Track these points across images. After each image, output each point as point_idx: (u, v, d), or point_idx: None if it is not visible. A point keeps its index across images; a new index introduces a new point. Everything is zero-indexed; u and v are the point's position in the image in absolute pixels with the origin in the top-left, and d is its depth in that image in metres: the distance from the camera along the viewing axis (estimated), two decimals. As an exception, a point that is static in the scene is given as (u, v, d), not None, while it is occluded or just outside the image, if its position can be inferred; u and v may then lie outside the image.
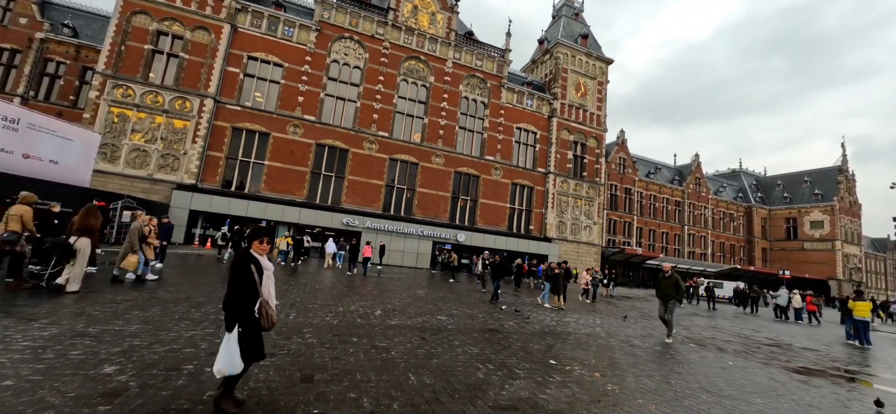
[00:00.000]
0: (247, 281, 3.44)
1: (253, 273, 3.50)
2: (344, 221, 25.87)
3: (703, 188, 52.32)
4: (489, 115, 31.42)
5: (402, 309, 9.43)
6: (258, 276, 3.51)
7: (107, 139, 22.31)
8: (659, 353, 7.98)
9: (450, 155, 29.74)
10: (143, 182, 22.66)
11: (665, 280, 9.53)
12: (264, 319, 3.52)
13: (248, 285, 3.46)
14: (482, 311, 10.74)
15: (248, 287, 3.46)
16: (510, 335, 7.84)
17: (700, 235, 51.58)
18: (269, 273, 3.61)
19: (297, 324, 6.66)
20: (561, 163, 33.41)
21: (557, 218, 32.72)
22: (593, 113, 35.44)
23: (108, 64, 22.63)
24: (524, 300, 14.67)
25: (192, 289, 8.89)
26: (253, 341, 3.47)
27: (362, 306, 9.11)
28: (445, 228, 28.57)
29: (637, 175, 46.82)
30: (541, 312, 11.86)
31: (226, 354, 3.30)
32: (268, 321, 3.52)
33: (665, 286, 9.49)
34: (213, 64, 24.29)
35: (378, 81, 28.15)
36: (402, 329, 7.19)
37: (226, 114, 24.64)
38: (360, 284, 13.67)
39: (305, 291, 10.53)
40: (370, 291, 11.93)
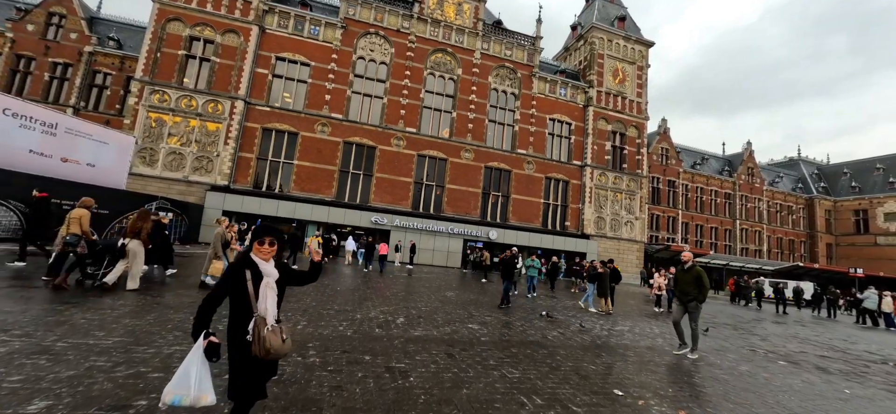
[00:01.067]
0: (235, 290, 2.51)
1: (246, 281, 2.50)
2: (373, 219, 25.16)
3: (756, 179, 47.64)
4: (520, 106, 29.71)
5: (429, 315, 8.24)
6: (253, 285, 2.50)
7: (145, 143, 22.81)
8: (745, 375, 6.29)
9: (479, 149, 28.34)
10: (180, 184, 22.97)
11: (684, 274, 7.19)
12: (256, 343, 2.43)
13: (237, 296, 2.51)
14: (519, 317, 9.35)
15: (237, 299, 2.51)
16: (556, 350, 6.43)
17: (754, 230, 47.00)
18: (269, 281, 2.57)
19: (303, 336, 5.62)
20: (598, 155, 31.10)
21: (595, 213, 30.47)
22: (633, 100, 32.78)
23: (146, 71, 23.10)
24: (565, 303, 13.09)
25: (203, 293, 8.15)
26: (246, 372, 2.50)
27: (384, 312, 8.00)
28: (476, 225, 27.21)
29: (681, 166, 43.23)
30: (586, 318, 10.29)
31: (180, 375, 2.34)
32: (260, 347, 2.44)
33: (683, 282, 7.16)
34: (242, 66, 24.29)
35: (404, 76, 27.23)
36: (426, 343, 5.99)
37: (256, 115, 24.58)
38: (384, 285, 12.65)
39: (324, 293, 9.59)
40: (395, 294, 10.84)
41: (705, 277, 7.00)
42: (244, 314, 2.52)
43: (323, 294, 9.49)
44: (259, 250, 2.64)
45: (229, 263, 2.63)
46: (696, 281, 6.98)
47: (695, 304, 7.00)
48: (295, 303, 7.95)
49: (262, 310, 2.53)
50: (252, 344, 2.47)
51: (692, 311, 7.05)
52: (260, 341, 2.45)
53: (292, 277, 2.83)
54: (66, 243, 7.00)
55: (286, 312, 6.96)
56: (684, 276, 7.20)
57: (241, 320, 2.52)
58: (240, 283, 2.53)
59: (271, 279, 2.62)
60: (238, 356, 2.50)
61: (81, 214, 7.27)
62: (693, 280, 7.01)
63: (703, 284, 6.93)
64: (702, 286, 6.92)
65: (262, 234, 2.70)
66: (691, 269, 7.12)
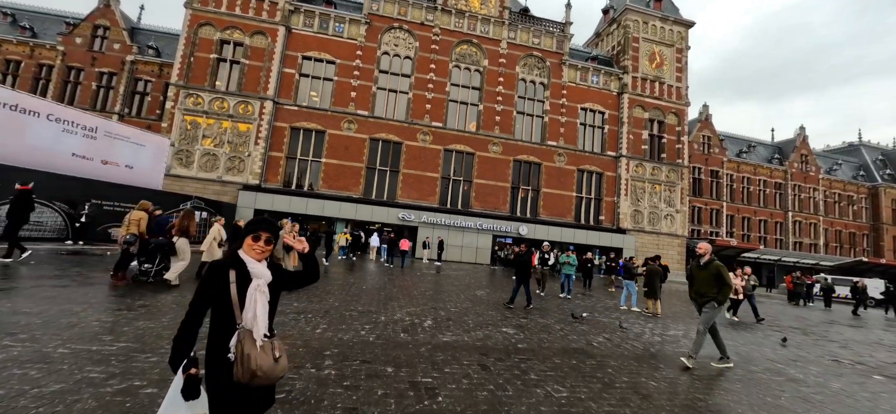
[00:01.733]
0: (216, 297, 1.92)
1: (230, 283, 1.91)
2: (400, 216, 24.79)
3: (811, 167, 43.59)
4: (549, 96, 28.37)
5: (459, 317, 7.55)
6: (239, 288, 1.91)
7: (182, 146, 23.49)
8: (842, 396, 5.17)
9: (508, 142, 27.31)
10: (214, 184, 23.50)
11: (700, 270, 5.95)
12: (240, 364, 1.84)
13: (218, 304, 1.92)
14: (558, 320, 8.48)
15: (218, 308, 1.93)
16: (606, 361, 5.56)
17: (808, 223, 43.05)
18: (259, 284, 1.97)
19: (321, 342, 5.08)
20: (634, 144, 29.25)
21: (632, 206, 28.70)
22: (672, 85, 30.59)
23: (180, 75, 23.75)
24: (605, 303, 12.03)
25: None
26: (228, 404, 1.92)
27: (410, 314, 7.39)
28: (505, 220, 26.26)
29: (725, 155, 40.13)
30: (625, 319, 9.27)
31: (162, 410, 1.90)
32: (245, 369, 1.84)
33: (699, 280, 5.93)
34: (270, 67, 24.50)
35: (429, 70, 26.61)
36: (456, 350, 5.30)
37: (284, 114, 24.76)
38: (412, 283, 12.08)
39: (349, 292, 9.12)
40: (423, 293, 10.23)
41: (726, 274, 5.76)
42: (226, 327, 1.91)
43: (347, 293, 9.02)
44: (252, 247, 2.03)
45: (209, 264, 1.98)
46: (715, 279, 5.76)
47: (712, 305, 5.76)
48: (317, 303, 7.49)
49: (248, 320, 1.92)
50: (234, 365, 1.86)
51: (707, 313, 5.81)
52: (244, 361, 1.83)
53: (288, 280, 2.22)
54: (125, 243, 7.51)
55: (307, 314, 6.50)
56: (700, 272, 5.94)
57: (221, 335, 1.92)
58: (221, 287, 1.93)
59: (262, 282, 2.00)
60: (217, 383, 1.90)
61: (140, 217, 7.68)
62: (712, 278, 5.79)
63: (724, 281, 5.70)
64: (722, 285, 5.70)
65: (256, 227, 2.08)
66: (709, 264, 5.87)
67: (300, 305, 7.16)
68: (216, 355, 1.90)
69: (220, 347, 1.90)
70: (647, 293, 10.48)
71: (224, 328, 1.91)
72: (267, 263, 2.09)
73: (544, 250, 12.30)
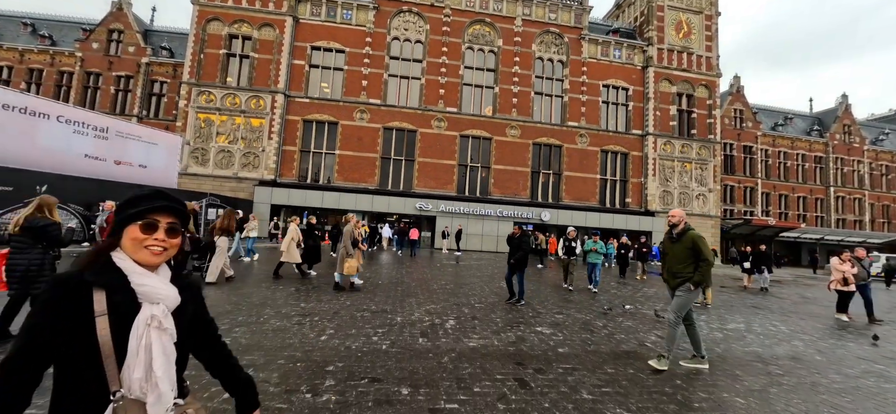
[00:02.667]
0: (67, 344, 1.01)
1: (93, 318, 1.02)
2: (417, 206, 23.98)
3: (855, 138, 40.24)
4: (569, 74, 26.76)
5: (485, 315, 6.61)
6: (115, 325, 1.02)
7: (197, 144, 23.27)
8: None
9: (526, 125, 25.96)
10: (230, 181, 23.22)
11: (673, 243, 4.65)
12: None
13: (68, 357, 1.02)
14: (594, 313, 7.44)
15: (68, 362, 1.02)
16: (669, 368, 4.52)
17: (852, 198, 39.90)
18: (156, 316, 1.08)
19: (325, 353, 4.24)
20: (662, 121, 27.38)
21: (661, 187, 26.96)
22: (701, 55, 28.40)
23: (192, 73, 23.43)
24: (645, 292, 10.86)
25: (242, 294, 7.16)
26: None
27: (430, 313, 6.50)
28: (526, 206, 25.07)
29: (759, 129, 37.40)
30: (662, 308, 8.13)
31: None
32: None
33: (672, 255, 4.63)
34: (280, 59, 23.88)
35: (441, 53, 25.44)
36: (486, 359, 4.36)
37: (296, 107, 24.18)
38: (431, 276, 11.21)
39: (364, 288, 8.32)
40: (443, 287, 9.34)
41: (705, 247, 4.39)
42: (86, 398, 1.02)
43: (362, 289, 8.22)
44: (139, 241, 1.13)
45: (50, 280, 0.99)
46: (691, 253, 4.41)
47: (687, 288, 4.41)
48: (327, 303, 6.69)
49: (135, 381, 1.03)
50: None
51: (680, 297, 4.47)
52: None
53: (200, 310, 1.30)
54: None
55: (313, 317, 5.68)
56: (673, 246, 4.60)
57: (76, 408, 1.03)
58: (74, 324, 1.02)
59: (160, 310, 1.09)
60: None
61: None
62: (687, 253, 4.43)
63: (703, 256, 4.33)
64: (700, 260, 4.35)
65: (143, 205, 1.17)
66: (683, 235, 4.53)
67: (308, 306, 6.38)
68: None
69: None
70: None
71: (82, 401, 1.02)
72: (174, 273, 1.20)
73: (569, 237, 11.02)
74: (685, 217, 4.70)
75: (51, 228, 4.07)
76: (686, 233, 4.55)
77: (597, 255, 10.46)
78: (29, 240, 4.00)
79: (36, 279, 3.98)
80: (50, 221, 4.10)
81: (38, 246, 4.04)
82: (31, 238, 4.01)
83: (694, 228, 4.64)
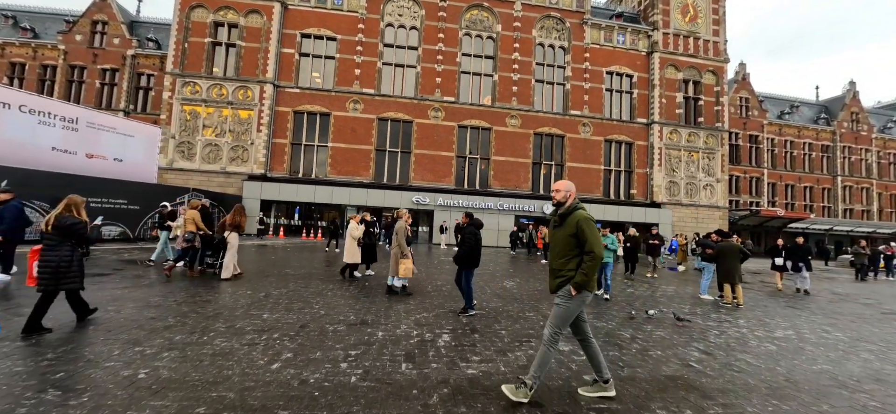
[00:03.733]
0: None
1: None
2: (414, 199, 22.77)
3: (862, 126, 38.95)
4: (571, 61, 25.46)
5: (487, 326, 5.41)
6: None
7: (183, 137, 22.02)
8: None
9: (527, 115, 24.70)
10: (218, 176, 22.00)
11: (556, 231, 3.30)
12: None
13: None
14: (615, 320, 6.26)
15: None
16: (734, 402, 3.34)
17: (860, 187, 38.66)
18: None
19: (270, 390, 3.04)
20: (668, 109, 26.11)
21: (667, 177, 25.75)
22: (708, 40, 27.08)
23: (176, 63, 22.13)
24: (664, 291, 9.69)
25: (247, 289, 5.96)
26: None
27: (419, 323, 5.31)
28: (528, 199, 23.87)
29: (765, 117, 36.11)
30: (712, 317, 6.96)
31: None
32: None
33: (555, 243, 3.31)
34: (268, 48, 22.57)
35: (438, 40, 24.12)
36: (491, 397, 3.15)
37: (286, 98, 22.90)
38: (426, 276, 10.04)
39: (345, 290, 7.13)
40: (438, 289, 8.15)
41: (594, 235, 3.05)
42: None
43: (342, 292, 7.03)
44: None
45: None
46: (575, 242, 3.10)
47: (567, 293, 3.08)
48: (297, 312, 5.51)
49: None
50: None
51: (559, 306, 3.12)
52: None
53: None
54: (186, 240, 8.01)
55: (272, 333, 4.49)
56: (555, 233, 3.29)
57: None
58: None
59: None
60: None
61: (194, 215, 8.21)
62: (571, 241, 3.11)
63: (588, 247, 3.01)
64: (584, 252, 3.04)
65: None
66: (567, 217, 3.19)
67: (272, 317, 5.20)
68: None
69: None
70: (725, 277, 8.07)
71: None
72: None
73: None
74: (573, 192, 3.34)
75: (78, 226, 4.25)
76: (572, 213, 3.19)
77: (608, 252, 8.49)
78: (59, 238, 4.19)
79: (66, 274, 4.21)
80: (77, 219, 4.28)
81: (67, 243, 4.24)
82: (60, 236, 4.19)
83: (584, 207, 3.27)
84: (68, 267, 4.22)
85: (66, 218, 4.21)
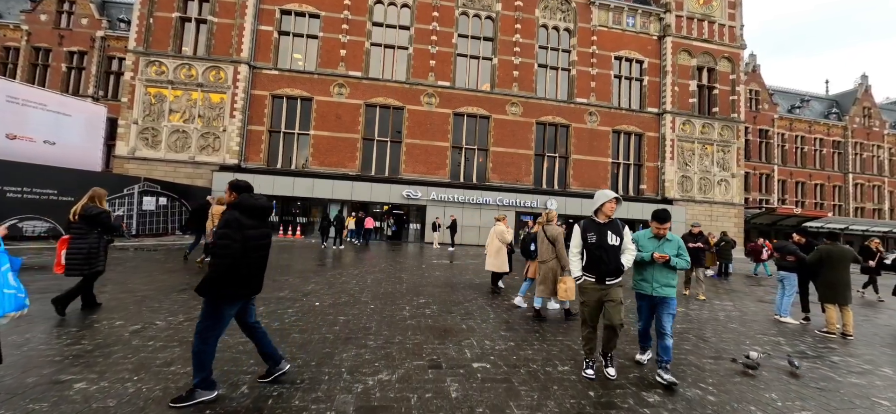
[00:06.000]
0: None
1: None
2: (405, 193, 20.21)
3: (874, 121, 36.71)
4: (577, 44, 22.93)
5: (493, 373, 2.88)
6: None
7: (147, 123, 19.33)
8: None
9: (529, 102, 22.16)
10: (186, 166, 19.33)
11: None
12: None
13: None
14: (717, 376, 3.73)
15: None
16: None
17: (872, 185, 36.41)
18: None
19: None
20: (680, 98, 23.65)
21: (679, 172, 23.29)
22: (723, 24, 24.63)
23: (139, 40, 19.43)
24: (720, 310, 7.20)
25: None
26: None
27: (397, 371, 2.78)
28: (530, 194, 21.34)
29: (776, 111, 33.82)
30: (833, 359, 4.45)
31: None
32: None
33: None
34: (243, 24, 19.90)
35: (432, 19, 21.52)
36: None
37: (263, 80, 20.25)
38: (417, 279, 7.52)
39: (301, 307, 4.59)
40: (419, 313, 5.62)
41: None
42: None
43: (302, 309, 4.49)
44: None
45: None
46: None
47: None
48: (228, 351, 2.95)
49: None
50: None
51: None
52: None
53: None
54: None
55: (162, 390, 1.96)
56: None
57: None
58: None
59: None
60: None
61: (219, 210, 7.98)
62: None
63: None
64: None
65: None
66: None
67: (173, 354, 2.67)
68: None
69: None
70: (829, 294, 5.55)
71: None
72: None
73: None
74: None
75: (103, 215, 4.56)
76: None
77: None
78: (86, 226, 4.48)
79: (96, 260, 4.52)
80: (101, 209, 4.59)
81: (94, 232, 4.53)
82: (87, 225, 4.48)
83: None
84: (97, 253, 4.50)
85: (92, 208, 4.46)
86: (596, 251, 3.41)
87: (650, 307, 3.71)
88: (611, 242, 3.41)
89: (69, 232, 4.44)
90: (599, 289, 3.40)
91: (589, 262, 3.46)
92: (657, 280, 3.58)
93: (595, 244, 3.42)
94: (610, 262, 3.37)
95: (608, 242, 3.41)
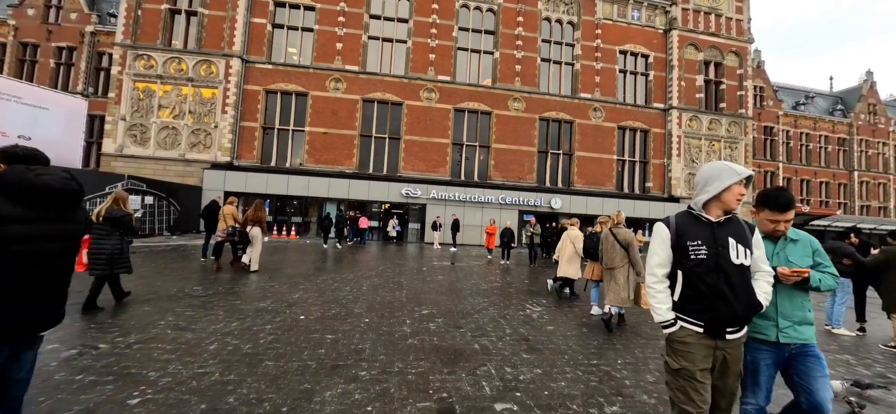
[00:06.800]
0: None
1: None
2: (403, 192, 19.38)
3: (879, 118, 36.01)
4: (581, 38, 22.12)
5: None
6: None
7: (135, 119, 18.43)
8: None
9: (531, 97, 21.35)
10: (176, 164, 18.44)
11: None
12: None
13: None
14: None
15: None
16: None
17: (877, 183, 35.74)
18: None
19: None
20: (687, 93, 22.86)
21: (686, 169, 22.50)
22: (731, 17, 23.84)
23: (127, 33, 18.53)
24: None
25: None
26: None
27: (418, 392, 1.93)
28: (533, 192, 20.53)
29: (781, 108, 33.11)
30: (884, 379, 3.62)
31: None
32: None
33: None
34: (235, 16, 19.01)
35: (431, 12, 20.67)
36: None
37: (256, 75, 19.38)
38: (417, 284, 6.69)
39: (284, 322, 3.76)
40: (422, 328, 4.79)
41: None
42: None
43: (283, 324, 3.65)
44: None
45: None
46: None
47: None
48: None
49: None
50: None
51: None
52: None
53: None
54: (228, 234, 8.02)
55: None
56: None
57: None
58: None
59: None
60: None
61: (231, 211, 8.22)
62: None
63: None
64: None
65: None
66: None
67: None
68: None
69: None
70: (892, 304, 4.77)
71: None
72: None
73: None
74: None
75: (125, 218, 4.73)
76: None
77: None
78: (109, 228, 4.64)
79: (119, 261, 4.68)
80: (124, 211, 4.77)
81: (116, 233, 4.69)
82: (110, 227, 4.64)
83: None
84: (120, 254, 4.67)
85: (115, 211, 4.63)
86: (706, 276, 1.78)
87: (774, 365, 2.05)
88: (734, 259, 1.79)
89: (91, 232, 4.55)
90: (713, 345, 1.80)
91: (689, 294, 1.82)
92: (785, 314, 2.01)
93: (702, 262, 1.79)
94: (736, 294, 1.75)
95: (731, 256, 1.78)
